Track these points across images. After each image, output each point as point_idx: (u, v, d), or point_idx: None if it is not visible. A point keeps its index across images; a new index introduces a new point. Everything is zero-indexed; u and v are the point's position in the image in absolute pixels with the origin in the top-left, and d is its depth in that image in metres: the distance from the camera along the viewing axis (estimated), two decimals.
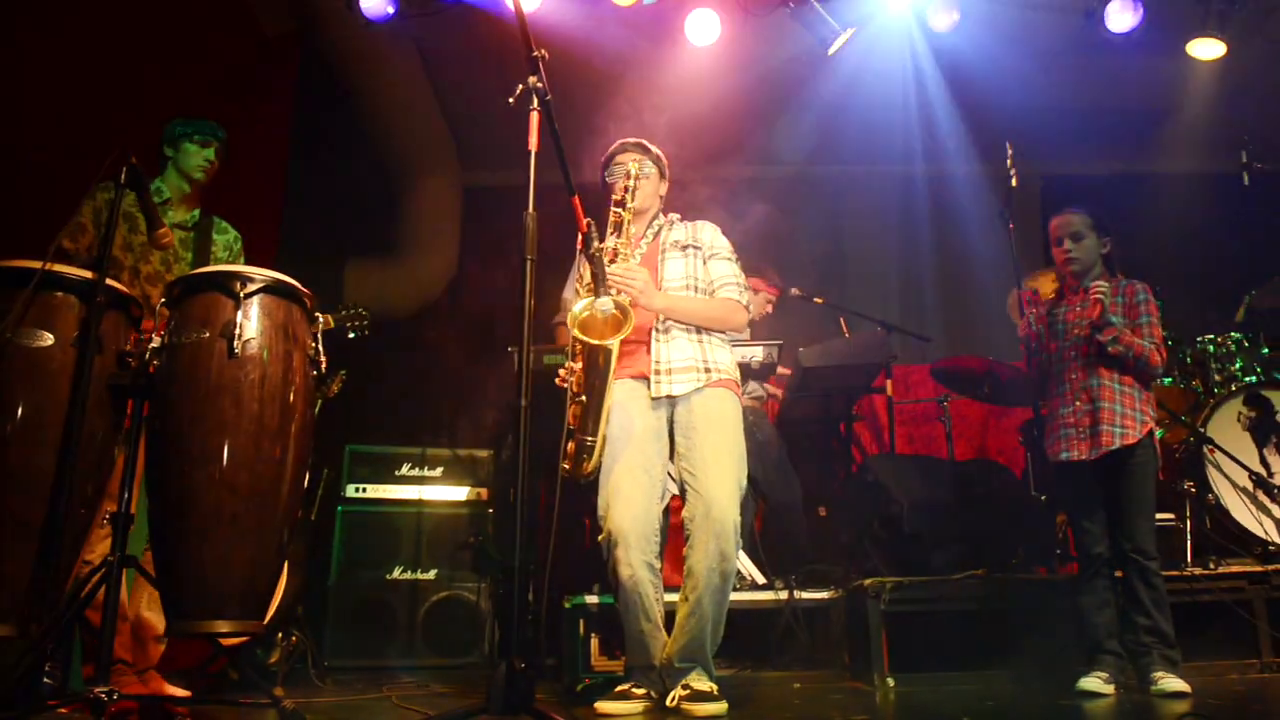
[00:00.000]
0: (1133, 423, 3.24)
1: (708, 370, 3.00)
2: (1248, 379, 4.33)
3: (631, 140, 3.23)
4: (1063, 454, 3.32)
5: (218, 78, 4.94)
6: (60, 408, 2.40)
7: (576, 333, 2.75)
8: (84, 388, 2.39)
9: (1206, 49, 5.32)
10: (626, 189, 3.05)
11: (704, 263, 3.15)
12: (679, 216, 3.29)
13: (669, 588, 3.00)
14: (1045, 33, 5.45)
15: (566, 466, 2.92)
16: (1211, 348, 4.47)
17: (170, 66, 4.68)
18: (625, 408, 2.98)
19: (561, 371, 2.92)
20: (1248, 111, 5.67)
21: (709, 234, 3.21)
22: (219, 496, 2.41)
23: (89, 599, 2.39)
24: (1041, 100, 5.68)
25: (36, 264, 2.46)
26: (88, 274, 2.54)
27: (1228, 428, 4.10)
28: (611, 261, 2.94)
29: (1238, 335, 4.48)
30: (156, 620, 2.96)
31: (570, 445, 2.91)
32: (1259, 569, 3.69)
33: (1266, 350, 4.46)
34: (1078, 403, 3.32)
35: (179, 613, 2.42)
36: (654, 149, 3.24)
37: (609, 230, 3.06)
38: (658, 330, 3.02)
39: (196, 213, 3.47)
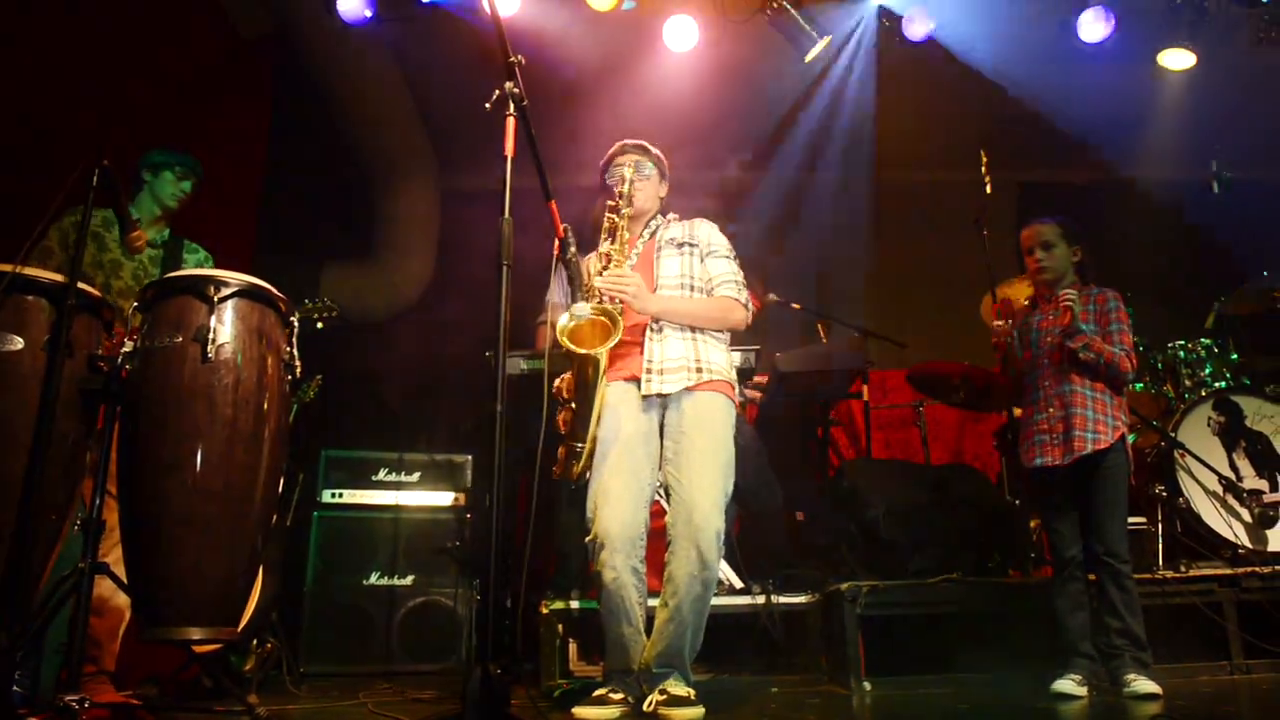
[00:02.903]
0: (1105, 428, 3.28)
1: (699, 370, 2.96)
2: (1217, 384, 4.38)
3: (632, 142, 3.21)
4: (1037, 459, 3.36)
5: (194, 79, 4.91)
6: (30, 412, 2.38)
7: (565, 343, 2.75)
8: (54, 392, 2.37)
9: (1177, 59, 5.40)
10: (622, 194, 3.03)
11: (701, 260, 3.12)
12: (676, 216, 3.27)
13: (650, 593, 3.00)
14: (1019, 42, 5.51)
15: (557, 470, 2.93)
16: (1182, 354, 4.52)
17: (146, 68, 4.65)
18: (616, 410, 2.96)
19: (557, 383, 2.93)
20: (1217, 121, 5.75)
21: (705, 231, 3.18)
22: (192, 502, 2.39)
23: (60, 606, 2.37)
24: (1015, 108, 5.74)
25: (7, 267, 2.44)
26: (59, 277, 2.52)
27: (1198, 432, 4.15)
28: (605, 268, 2.93)
29: (1207, 341, 4.54)
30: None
31: (561, 450, 2.91)
32: (1229, 572, 3.74)
33: (1236, 356, 4.53)
34: (1051, 409, 3.36)
35: (152, 619, 2.40)
36: (654, 150, 3.22)
37: (604, 236, 3.04)
38: (652, 330, 3.00)
39: (166, 232, 3.54)
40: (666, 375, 2.96)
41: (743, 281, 3.12)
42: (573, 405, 2.87)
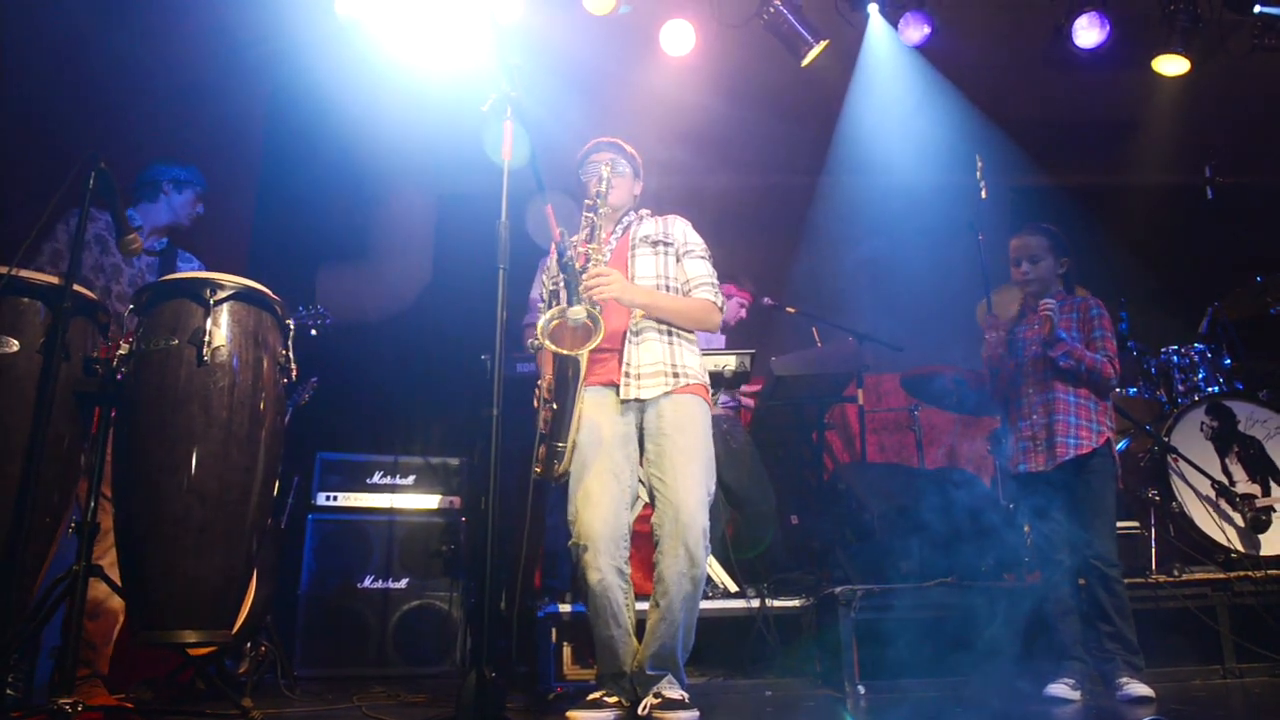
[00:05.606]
0: (1088, 433, 3.30)
1: (676, 375, 3.00)
2: (1210, 389, 4.40)
3: (606, 139, 3.23)
4: (1021, 466, 3.40)
5: (190, 80, 4.90)
6: (26, 415, 2.38)
7: (546, 343, 2.76)
8: (50, 395, 2.37)
9: (1171, 65, 5.42)
10: (599, 193, 3.04)
11: (677, 260, 3.15)
12: (649, 211, 3.29)
13: (639, 596, 3.01)
14: (1014, 47, 5.53)
15: (538, 469, 2.94)
16: (1175, 358, 4.54)
17: (142, 70, 4.64)
18: (595, 415, 2.99)
19: (539, 384, 2.95)
20: (1211, 126, 5.77)
21: (680, 229, 3.20)
22: (187, 505, 2.39)
23: (54, 609, 2.36)
24: (1011, 113, 5.76)
25: (1, 269, 2.44)
26: (54, 279, 2.52)
27: (1191, 437, 4.16)
28: (582, 266, 2.94)
29: (1201, 346, 4.56)
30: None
31: (542, 449, 2.93)
32: (1222, 576, 3.75)
33: (1229, 361, 4.55)
34: (1034, 415, 3.39)
35: (146, 622, 2.39)
36: (629, 148, 3.24)
37: (581, 235, 3.06)
38: (631, 334, 3.03)
39: (165, 241, 3.57)
40: (644, 380, 2.99)
41: (717, 284, 3.15)
42: (554, 405, 2.89)
